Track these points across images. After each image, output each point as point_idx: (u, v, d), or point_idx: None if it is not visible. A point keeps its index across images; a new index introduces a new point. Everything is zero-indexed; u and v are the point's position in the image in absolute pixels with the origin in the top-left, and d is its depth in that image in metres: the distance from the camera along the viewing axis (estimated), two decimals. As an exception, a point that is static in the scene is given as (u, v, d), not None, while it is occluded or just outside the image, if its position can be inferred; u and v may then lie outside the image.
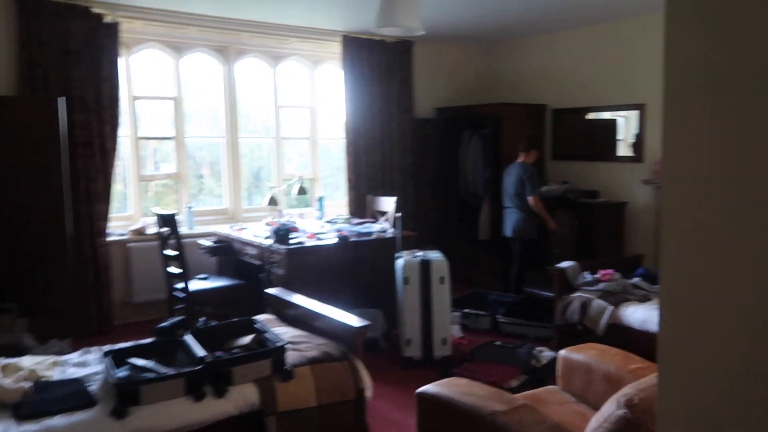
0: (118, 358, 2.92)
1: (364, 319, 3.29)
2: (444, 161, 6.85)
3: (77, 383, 2.80)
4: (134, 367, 2.82)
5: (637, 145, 5.77)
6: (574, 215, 5.79)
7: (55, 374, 2.98)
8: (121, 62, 5.13)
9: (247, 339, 3.18)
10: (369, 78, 6.33)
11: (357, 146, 6.29)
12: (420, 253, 4.30)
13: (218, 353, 3.00)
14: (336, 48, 6.21)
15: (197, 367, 2.78)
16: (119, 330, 4.98)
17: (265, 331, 3.19)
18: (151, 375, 2.74)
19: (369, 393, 3.11)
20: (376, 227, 5.12)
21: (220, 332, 3.27)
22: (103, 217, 5.02)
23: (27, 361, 3.02)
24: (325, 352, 3.11)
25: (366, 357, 3.24)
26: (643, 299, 4.12)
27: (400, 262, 4.25)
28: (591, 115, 6.21)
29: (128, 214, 5.52)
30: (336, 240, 4.69)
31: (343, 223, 5.43)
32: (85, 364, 3.13)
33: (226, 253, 5.17)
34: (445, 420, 2.33)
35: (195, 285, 4.66)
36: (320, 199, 6.05)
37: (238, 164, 6.00)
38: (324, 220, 5.65)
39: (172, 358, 3.02)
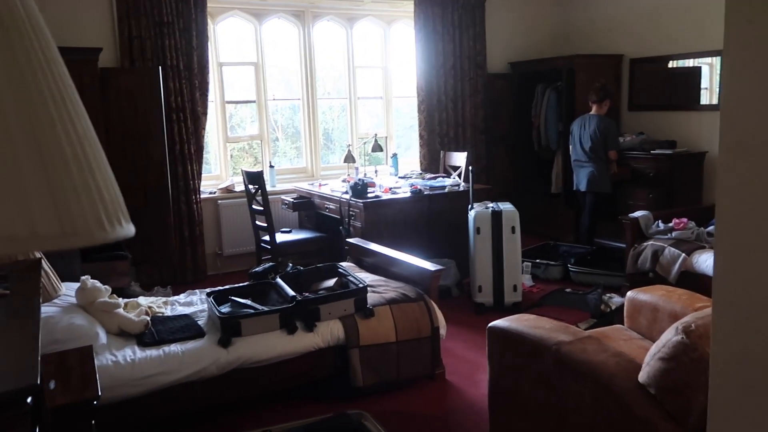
0: (219, 299, 3.30)
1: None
2: (517, 116, 6.86)
3: (188, 318, 3.21)
4: (235, 303, 3.19)
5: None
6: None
7: (167, 311, 3.41)
8: (209, 31, 5.48)
9: (331, 282, 3.49)
10: (441, 35, 6.39)
11: (429, 104, 6.41)
12: (491, 205, 4.45)
13: (306, 294, 3.33)
14: (409, 7, 6.30)
15: (289, 305, 3.11)
16: (211, 280, 5.44)
17: (348, 275, 3.48)
18: (250, 311, 3.10)
19: (443, 331, 3.36)
20: (448, 181, 5.28)
21: (307, 276, 3.60)
22: (196, 176, 5.47)
23: (142, 300, 3.46)
24: (403, 294, 3.37)
25: (440, 303, 3.48)
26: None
27: (471, 214, 4.41)
28: (672, 63, 6.02)
29: (215, 174, 5.96)
30: (410, 194, 4.91)
31: (417, 178, 5.62)
32: (191, 304, 3.56)
33: (308, 208, 5.52)
34: (514, 351, 2.53)
35: (280, 237, 5.04)
36: (394, 156, 6.26)
37: (317, 124, 6.29)
38: (398, 176, 5.87)
39: (266, 298, 3.37)
